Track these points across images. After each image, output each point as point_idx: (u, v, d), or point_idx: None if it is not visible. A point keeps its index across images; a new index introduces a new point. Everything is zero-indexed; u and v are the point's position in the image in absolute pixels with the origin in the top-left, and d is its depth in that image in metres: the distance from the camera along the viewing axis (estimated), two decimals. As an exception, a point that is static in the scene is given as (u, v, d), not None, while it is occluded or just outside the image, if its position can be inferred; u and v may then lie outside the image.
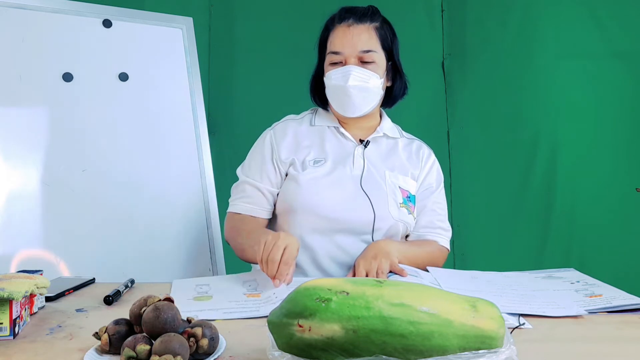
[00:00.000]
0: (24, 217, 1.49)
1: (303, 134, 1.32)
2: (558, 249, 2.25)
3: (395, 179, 1.28)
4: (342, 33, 1.25)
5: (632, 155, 2.22)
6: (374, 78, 1.24)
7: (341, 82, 1.23)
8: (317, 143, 1.31)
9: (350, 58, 1.23)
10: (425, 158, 1.35)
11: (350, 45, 1.23)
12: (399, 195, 1.27)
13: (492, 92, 2.33)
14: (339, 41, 1.25)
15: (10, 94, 1.53)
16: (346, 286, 0.64)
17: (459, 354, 0.61)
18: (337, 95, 1.26)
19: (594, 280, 1.12)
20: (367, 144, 1.31)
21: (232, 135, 2.22)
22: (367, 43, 1.24)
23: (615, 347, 0.77)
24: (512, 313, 0.90)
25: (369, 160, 1.29)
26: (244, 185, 1.31)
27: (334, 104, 1.29)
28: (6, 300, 0.79)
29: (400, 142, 1.36)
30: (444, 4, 2.37)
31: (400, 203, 1.26)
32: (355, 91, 1.23)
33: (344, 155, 1.29)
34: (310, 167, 1.26)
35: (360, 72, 1.23)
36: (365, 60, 1.24)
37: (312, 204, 1.22)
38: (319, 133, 1.33)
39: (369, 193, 1.23)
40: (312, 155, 1.28)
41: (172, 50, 1.79)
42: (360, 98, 1.24)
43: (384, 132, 1.34)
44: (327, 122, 1.34)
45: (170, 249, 1.66)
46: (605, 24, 2.24)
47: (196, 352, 0.69)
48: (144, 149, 1.68)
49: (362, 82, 1.23)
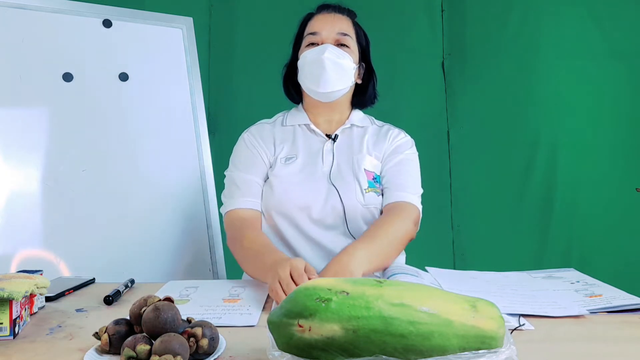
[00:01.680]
0: (24, 217, 1.49)
1: (276, 133, 1.36)
2: (558, 249, 2.25)
3: (362, 161, 1.31)
4: (322, 17, 1.33)
5: (631, 155, 2.23)
6: (347, 59, 1.29)
7: (317, 55, 1.27)
8: (289, 140, 1.35)
9: (327, 39, 1.29)
10: (393, 136, 1.37)
11: (329, 27, 1.30)
12: (364, 179, 1.29)
13: (492, 92, 2.33)
14: (318, 23, 1.32)
15: (10, 94, 1.53)
16: (346, 286, 0.64)
17: (459, 354, 0.61)
18: (311, 70, 1.29)
19: (594, 280, 1.12)
20: (335, 137, 1.34)
21: (232, 135, 2.20)
22: (345, 28, 1.32)
23: (615, 347, 0.77)
24: (513, 313, 0.90)
25: (339, 152, 1.33)
26: (235, 178, 1.31)
27: (307, 81, 1.31)
28: (6, 300, 0.79)
29: (370, 129, 1.39)
30: (444, 4, 2.37)
31: (366, 188, 1.28)
32: (330, 63, 1.26)
33: (314, 152, 1.33)
34: (281, 164, 1.30)
35: (335, 49, 1.28)
36: (341, 43, 1.30)
37: (285, 204, 1.26)
38: (291, 132, 1.37)
39: (338, 187, 1.27)
40: (284, 152, 1.32)
41: (172, 50, 1.79)
42: (334, 72, 1.27)
43: (352, 123, 1.38)
44: (298, 120, 1.38)
45: (170, 249, 1.66)
46: (605, 24, 2.24)
47: (196, 352, 0.69)
48: (144, 149, 1.68)
49: (336, 57, 1.27)
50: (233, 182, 1.31)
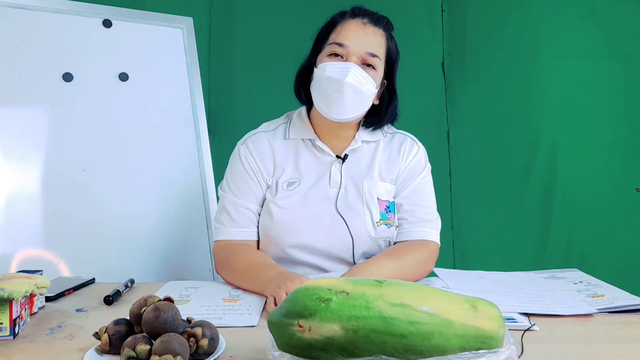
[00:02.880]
0: (24, 217, 1.49)
1: (277, 149, 1.24)
2: (558, 248, 2.25)
3: (374, 189, 1.21)
4: (354, 26, 1.16)
5: (632, 155, 2.23)
6: (370, 84, 1.15)
7: (338, 75, 1.12)
8: (291, 159, 1.23)
9: (353, 56, 1.14)
10: (406, 152, 1.26)
11: (361, 42, 1.14)
12: (376, 211, 1.19)
13: (492, 92, 2.33)
14: (349, 34, 1.15)
15: (10, 94, 1.53)
16: (346, 286, 0.64)
17: (459, 354, 0.61)
18: (327, 90, 1.14)
19: (597, 281, 1.12)
20: (345, 157, 1.22)
21: (232, 135, 2.20)
22: (376, 47, 1.16)
23: (616, 347, 0.77)
24: (524, 313, 0.90)
25: (348, 175, 1.22)
26: (228, 205, 1.21)
27: (320, 100, 1.16)
28: (6, 300, 0.79)
29: (382, 142, 1.27)
30: (444, 4, 2.37)
31: (378, 221, 1.18)
32: (350, 90, 1.12)
33: (320, 173, 1.21)
34: (283, 190, 1.19)
35: (360, 72, 1.13)
36: (368, 63, 1.15)
37: (286, 237, 1.17)
38: (293, 148, 1.24)
39: (345, 215, 1.17)
40: (286, 176, 1.20)
41: (172, 50, 1.79)
42: (352, 99, 1.13)
43: (363, 140, 1.25)
44: (302, 134, 1.24)
45: (170, 249, 1.66)
46: (604, 25, 2.24)
47: (196, 352, 0.69)
48: (143, 149, 1.68)
49: (358, 83, 1.12)
50: (225, 208, 1.21)
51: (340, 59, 1.15)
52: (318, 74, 1.16)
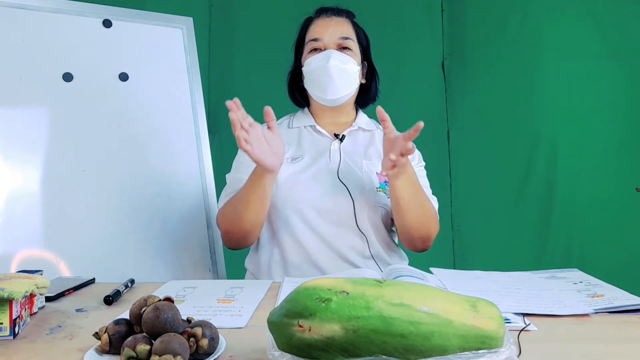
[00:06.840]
0: (25, 217, 1.49)
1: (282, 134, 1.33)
2: (558, 248, 2.25)
3: (372, 167, 1.32)
4: (322, 22, 1.33)
5: (632, 155, 2.23)
6: (351, 63, 1.30)
7: (322, 63, 1.28)
8: (294, 142, 1.36)
9: (329, 44, 1.30)
10: None
11: (331, 31, 1.31)
12: (376, 180, 1.30)
13: (492, 92, 2.33)
14: (319, 29, 1.32)
15: (10, 94, 1.53)
16: (346, 286, 0.64)
17: (459, 354, 0.61)
18: (317, 77, 1.29)
19: (597, 281, 1.12)
20: (342, 138, 1.35)
21: (232, 135, 2.21)
22: (345, 31, 1.32)
23: (616, 348, 0.77)
24: (519, 313, 0.90)
25: (346, 153, 1.33)
26: (230, 180, 1.32)
27: (314, 89, 1.32)
28: (6, 300, 0.79)
29: (376, 133, 1.40)
30: (444, 4, 2.37)
31: (377, 187, 1.28)
32: (336, 70, 1.27)
33: (321, 151, 1.33)
34: (287, 164, 1.30)
35: (339, 55, 1.28)
36: (343, 46, 1.31)
37: (292, 199, 1.27)
38: (296, 134, 1.38)
39: (346, 183, 1.27)
40: (289, 153, 1.33)
41: (172, 50, 1.79)
42: (340, 78, 1.28)
43: (359, 126, 1.39)
44: (304, 122, 1.39)
45: (171, 249, 1.66)
46: (604, 25, 2.25)
47: (196, 352, 0.69)
48: (143, 149, 1.68)
49: (341, 62, 1.28)
50: (228, 184, 1.33)
51: (320, 51, 1.31)
52: (306, 70, 1.32)
